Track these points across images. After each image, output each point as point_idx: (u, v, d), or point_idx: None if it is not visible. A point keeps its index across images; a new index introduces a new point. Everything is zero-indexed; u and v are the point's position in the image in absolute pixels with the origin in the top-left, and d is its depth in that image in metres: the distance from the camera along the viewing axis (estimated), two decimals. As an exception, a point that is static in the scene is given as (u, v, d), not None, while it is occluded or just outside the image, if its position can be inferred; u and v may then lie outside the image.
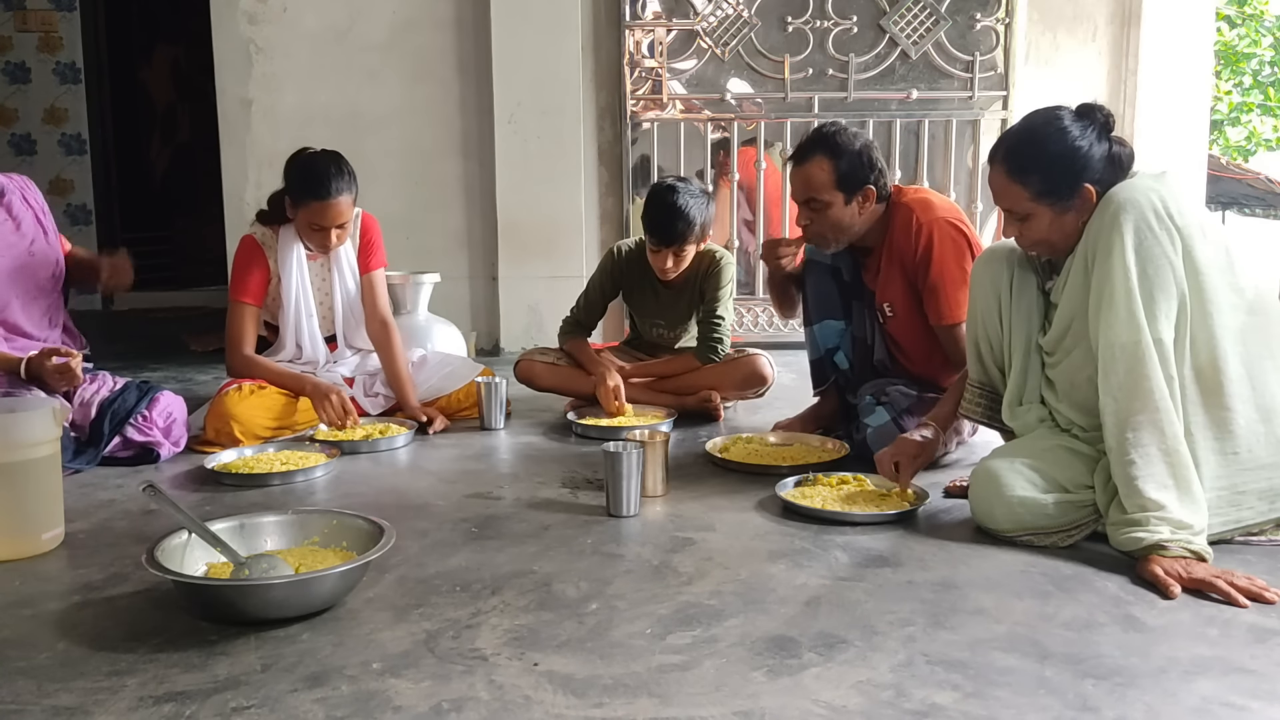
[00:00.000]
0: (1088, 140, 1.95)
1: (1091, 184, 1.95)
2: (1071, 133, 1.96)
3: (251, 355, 3.00)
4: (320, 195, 2.87)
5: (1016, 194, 2.00)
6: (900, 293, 2.64)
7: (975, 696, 1.39)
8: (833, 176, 2.56)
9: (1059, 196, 1.96)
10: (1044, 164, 1.97)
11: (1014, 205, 2.01)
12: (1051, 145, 1.96)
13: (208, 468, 2.53)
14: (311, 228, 2.93)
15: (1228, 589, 1.69)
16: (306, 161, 2.94)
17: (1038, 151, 1.98)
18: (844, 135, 2.59)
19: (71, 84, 6.26)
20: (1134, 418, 1.84)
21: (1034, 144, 1.99)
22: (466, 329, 4.63)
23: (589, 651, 1.54)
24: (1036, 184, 1.97)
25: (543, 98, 4.59)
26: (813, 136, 2.63)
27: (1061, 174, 1.95)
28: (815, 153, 2.58)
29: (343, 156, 2.97)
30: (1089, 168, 1.95)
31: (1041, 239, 2.03)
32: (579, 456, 2.78)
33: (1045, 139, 1.98)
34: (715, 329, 3.21)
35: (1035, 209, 1.99)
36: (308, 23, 4.63)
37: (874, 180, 2.59)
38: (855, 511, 2.16)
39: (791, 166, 2.65)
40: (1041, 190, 1.97)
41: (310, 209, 2.89)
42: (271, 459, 2.61)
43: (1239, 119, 11.90)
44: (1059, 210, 1.97)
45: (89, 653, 1.55)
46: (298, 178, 2.92)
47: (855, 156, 2.56)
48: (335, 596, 1.70)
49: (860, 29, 4.71)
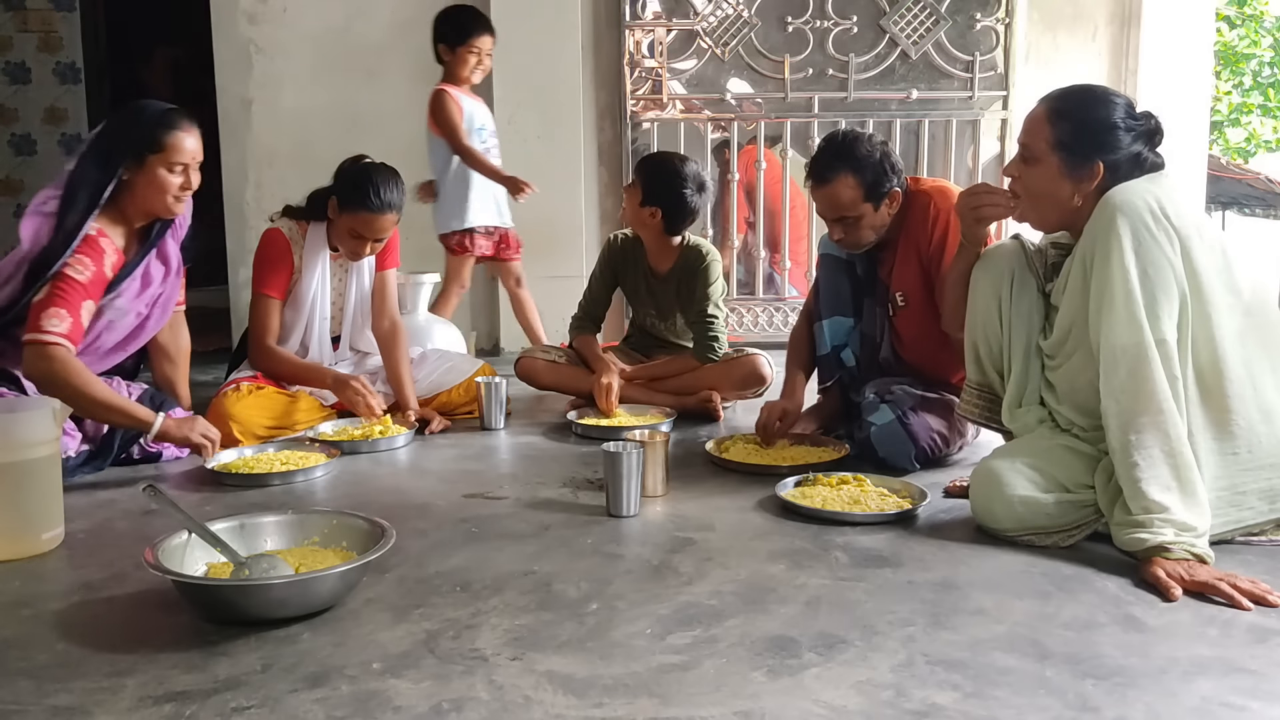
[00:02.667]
0: (1131, 130, 1.99)
1: (1106, 166, 1.96)
2: (1119, 113, 1.99)
3: (274, 347, 3.01)
4: (375, 208, 2.90)
5: (1041, 132, 2.02)
6: (914, 281, 2.64)
7: (975, 696, 1.39)
8: (860, 191, 2.55)
9: (1073, 154, 1.98)
10: (1081, 120, 2.00)
11: (1033, 142, 2.04)
12: (1100, 109, 2.00)
13: (208, 468, 2.53)
14: (353, 235, 2.95)
15: (1230, 592, 1.69)
16: (368, 171, 2.95)
17: (1084, 106, 2.01)
18: (862, 144, 2.56)
19: (71, 84, 6.25)
20: (1137, 420, 1.84)
21: (1085, 100, 2.03)
22: (466, 329, 4.63)
23: (589, 651, 1.54)
24: (1064, 131, 2.00)
25: (543, 98, 4.59)
26: (830, 150, 2.59)
27: (1089, 136, 1.98)
28: (838, 170, 2.55)
29: (399, 174, 3.00)
30: (1114, 148, 1.97)
31: (1036, 191, 2.04)
32: (579, 456, 2.78)
33: (1097, 102, 2.01)
34: (709, 328, 3.22)
35: (1047, 156, 2.01)
36: (308, 23, 4.63)
37: (897, 182, 2.59)
38: (855, 511, 2.16)
39: (812, 185, 2.61)
40: (1063, 140, 1.99)
41: (360, 218, 2.91)
42: (271, 459, 2.60)
43: (1239, 120, 11.90)
44: (1067, 168, 1.99)
45: (89, 653, 1.55)
46: (355, 185, 2.92)
47: (877, 166, 2.55)
48: (335, 596, 1.70)
49: (860, 29, 4.71)
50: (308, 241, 3.03)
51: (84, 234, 2.43)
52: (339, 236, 3.00)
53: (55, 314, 2.35)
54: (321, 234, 3.03)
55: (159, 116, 2.51)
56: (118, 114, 2.57)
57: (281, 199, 3.20)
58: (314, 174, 3.16)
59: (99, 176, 2.47)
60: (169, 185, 2.50)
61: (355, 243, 2.97)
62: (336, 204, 2.95)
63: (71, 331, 2.37)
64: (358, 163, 3.01)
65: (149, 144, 2.48)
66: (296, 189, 3.15)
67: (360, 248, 2.99)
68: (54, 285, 2.38)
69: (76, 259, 2.40)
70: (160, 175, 2.49)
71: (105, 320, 2.57)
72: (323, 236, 3.03)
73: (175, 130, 2.50)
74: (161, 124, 2.50)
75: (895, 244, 2.67)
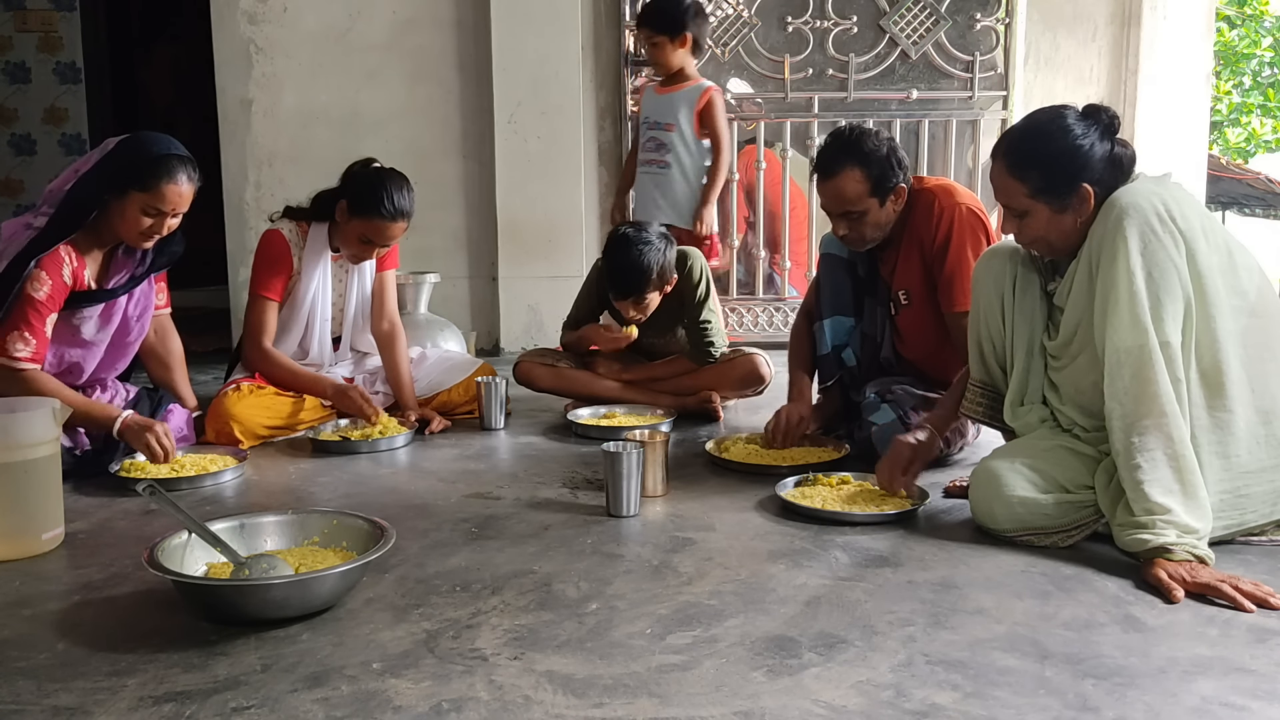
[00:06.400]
0: (1089, 140, 1.95)
1: (1090, 184, 1.95)
2: (1074, 132, 1.96)
3: (270, 349, 3.00)
4: (388, 216, 2.90)
5: (1015, 189, 2.00)
6: (917, 279, 2.63)
7: (975, 696, 1.39)
8: (866, 186, 2.53)
9: (1056, 194, 1.96)
10: (1043, 161, 1.97)
11: (1012, 201, 2.02)
12: (1052, 143, 1.97)
13: (110, 470, 2.48)
14: (361, 240, 2.94)
15: (1233, 594, 1.69)
16: (381, 177, 2.94)
17: (1038, 148, 1.98)
18: (869, 139, 2.55)
19: (71, 84, 6.25)
20: (1140, 422, 1.84)
21: (1035, 140, 1.99)
22: (466, 329, 4.64)
23: (589, 651, 1.54)
24: (1035, 180, 1.97)
25: (543, 98, 4.59)
26: (837, 144, 2.57)
27: (1060, 172, 1.96)
28: (844, 163, 2.53)
29: (409, 181, 2.98)
30: (1088, 168, 1.95)
31: (1039, 236, 2.03)
32: (579, 456, 2.78)
33: (1047, 136, 1.98)
34: (705, 334, 3.19)
35: (1033, 206, 1.99)
36: (308, 23, 4.63)
37: (903, 178, 2.58)
38: (855, 511, 2.16)
39: (818, 179, 2.60)
40: (1039, 187, 1.97)
41: (372, 225, 2.91)
42: (181, 462, 2.56)
43: (1239, 120, 11.89)
44: (1056, 208, 1.98)
45: (89, 653, 1.55)
46: (368, 190, 2.90)
47: (884, 160, 2.53)
48: (335, 596, 1.70)
49: (860, 29, 4.71)
50: (309, 243, 3.02)
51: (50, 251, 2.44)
52: (345, 239, 2.99)
53: (20, 337, 2.43)
54: (323, 235, 3.03)
55: (161, 159, 2.47)
56: (126, 141, 2.54)
57: (281, 199, 3.21)
58: (314, 174, 3.17)
59: (90, 200, 2.48)
60: (140, 224, 2.48)
61: (363, 247, 2.97)
62: (346, 208, 2.94)
63: (36, 352, 2.46)
64: (367, 166, 3.00)
65: (138, 181, 2.45)
66: (296, 189, 3.15)
67: (367, 252, 2.99)
68: (16, 306, 2.42)
69: (35, 274, 2.42)
70: (135, 212, 2.47)
71: (80, 345, 2.59)
72: (324, 238, 3.03)
73: (170, 182, 2.46)
74: (161, 167, 2.46)
75: (898, 242, 2.67)
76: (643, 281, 2.99)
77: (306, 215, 3.04)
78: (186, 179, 2.50)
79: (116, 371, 2.77)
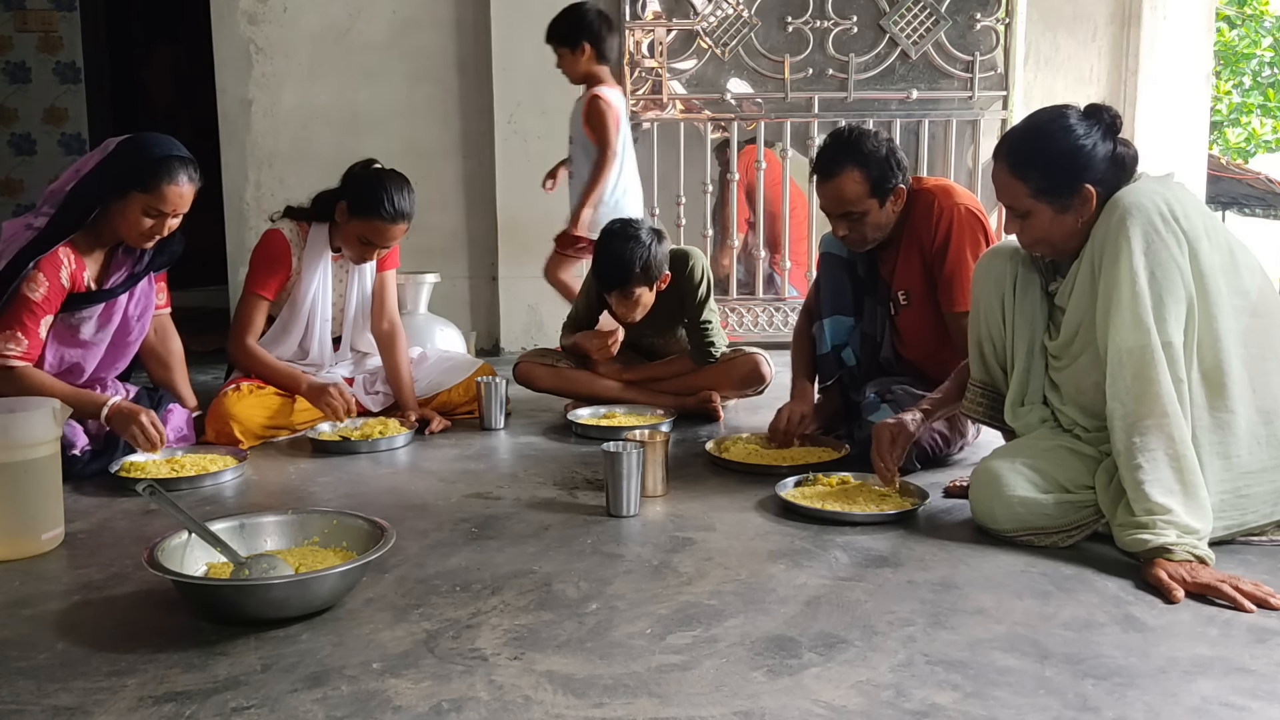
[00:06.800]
0: (1091, 140, 1.95)
1: (1092, 184, 1.94)
2: (1075, 132, 1.95)
3: (253, 345, 3.00)
4: (388, 217, 2.89)
5: (1016, 190, 2.00)
6: (917, 279, 2.64)
7: (975, 696, 1.39)
8: (866, 186, 2.53)
9: (1058, 195, 1.96)
10: (1044, 161, 1.97)
11: (1014, 201, 2.01)
12: (1054, 143, 1.96)
13: (110, 471, 2.48)
14: (362, 241, 2.94)
15: (1233, 594, 1.69)
16: (381, 178, 2.93)
17: (1039, 148, 1.98)
18: (868, 140, 2.55)
19: (71, 84, 6.25)
20: (1141, 422, 1.84)
21: (1036, 140, 1.99)
22: (466, 329, 4.64)
23: (589, 651, 1.54)
24: (1036, 181, 1.97)
25: (543, 98, 4.59)
26: (836, 145, 2.57)
27: (1062, 172, 1.95)
28: (844, 164, 2.53)
29: (410, 182, 2.98)
30: (1090, 168, 1.95)
31: (1041, 237, 2.03)
32: (579, 456, 2.78)
33: (1048, 136, 1.97)
34: (705, 334, 3.19)
35: (1034, 206, 1.99)
36: (308, 23, 4.63)
37: (902, 179, 2.58)
38: (855, 511, 2.16)
39: (818, 180, 2.60)
40: (1041, 187, 1.97)
41: (372, 226, 2.90)
42: (180, 462, 2.56)
43: (1239, 120, 11.89)
44: (1058, 209, 1.97)
45: (89, 653, 1.55)
46: (369, 191, 2.90)
47: (883, 161, 2.53)
48: (335, 596, 1.70)
49: (860, 29, 4.72)
50: (309, 243, 3.02)
51: (49, 252, 2.44)
52: (345, 240, 2.99)
53: (13, 336, 2.45)
54: (323, 235, 3.03)
55: (163, 160, 2.48)
56: (127, 141, 2.54)
57: (281, 199, 3.21)
58: (314, 174, 3.17)
59: (90, 200, 2.48)
60: (141, 225, 2.49)
61: (363, 248, 2.96)
62: (346, 208, 2.93)
63: (29, 350, 2.47)
64: (368, 167, 2.99)
65: (139, 182, 2.45)
66: (296, 189, 3.15)
67: (367, 253, 2.98)
68: (12, 306, 2.44)
69: (32, 276, 2.43)
70: (136, 213, 2.48)
71: (80, 345, 2.59)
72: (325, 238, 3.03)
73: (172, 183, 2.47)
74: (162, 169, 2.47)
75: (898, 242, 2.67)
76: (627, 274, 2.99)
77: (307, 215, 3.03)
78: (187, 180, 2.51)
79: (117, 371, 2.77)
